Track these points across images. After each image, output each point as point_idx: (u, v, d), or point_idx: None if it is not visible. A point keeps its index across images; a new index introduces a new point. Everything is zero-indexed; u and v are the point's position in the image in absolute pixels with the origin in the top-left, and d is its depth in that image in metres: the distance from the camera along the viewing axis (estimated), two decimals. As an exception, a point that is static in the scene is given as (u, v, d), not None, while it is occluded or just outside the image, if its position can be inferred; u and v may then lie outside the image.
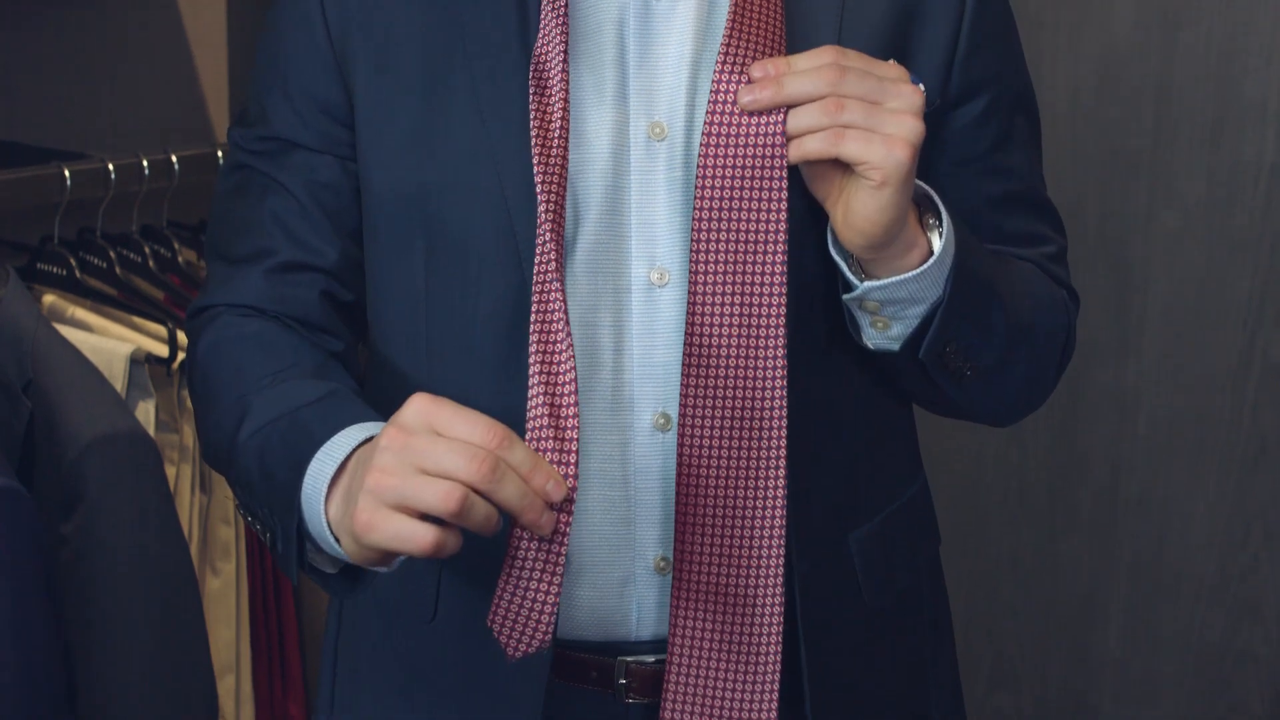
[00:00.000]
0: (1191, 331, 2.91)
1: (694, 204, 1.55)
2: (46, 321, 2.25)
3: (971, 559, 3.11)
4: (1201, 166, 2.85)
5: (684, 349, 1.55)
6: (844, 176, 1.54)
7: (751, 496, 1.56)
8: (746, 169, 1.54)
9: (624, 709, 1.66)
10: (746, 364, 1.55)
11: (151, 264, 2.64)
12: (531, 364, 1.52)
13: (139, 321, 2.55)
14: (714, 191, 1.55)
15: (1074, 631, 3.10)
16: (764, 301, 1.55)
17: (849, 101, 1.50)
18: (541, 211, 1.54)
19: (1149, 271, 2.92)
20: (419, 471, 1.36)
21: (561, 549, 1.46)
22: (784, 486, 1.56)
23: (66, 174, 2.52)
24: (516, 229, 1.59)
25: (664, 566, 1.62)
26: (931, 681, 1.81)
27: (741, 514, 1.56)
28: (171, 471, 2.48)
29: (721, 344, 1.55)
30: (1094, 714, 3.11)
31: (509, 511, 1.39)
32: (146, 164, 2.61)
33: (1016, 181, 1.75)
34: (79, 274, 2.59)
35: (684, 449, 1.56)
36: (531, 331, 1.53)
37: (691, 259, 1.54)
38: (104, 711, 2.07)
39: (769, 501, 1.56)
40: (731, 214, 1.55)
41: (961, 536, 3.07)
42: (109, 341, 2.46)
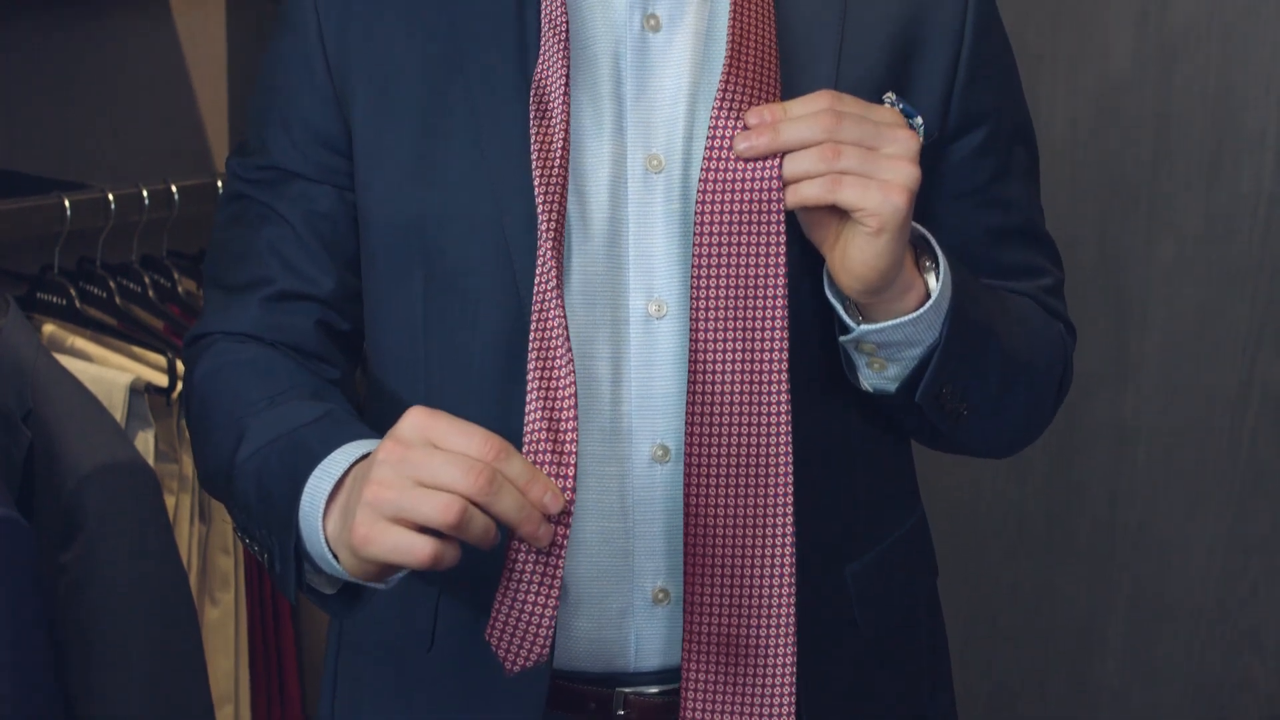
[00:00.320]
0: (1190, 361, 2.91)
1: (693, 243, 1.55)
2: (46, 351, 2.25)
3: (969, 588, 3.11)
4: (1200, 197, 2.86)
5: (688, 382, 1.55)
6: (841, 222, 1.53)
7: (760, 531, 1.56)
8: (744, 212, 1.54)
9: (621, 740, 1.66)
10: (750, 398, 1.55)
11: (151, 294, 2.64)
12: (530, 379, 1.52)
13: (139, 351, 2.55)
14: (712, 234, 1.54)
15: (1073, 661, 3.10)
16: (766, 337, 1.55)
17: (845, 147, 1.50)
18: (542, 231, 1.54)
19: (1147, 301, 2.93)
20: (416, 484, 1.37)
21: (559, 561, 1.46)
22: (792, 522, 1.56)
23: (67, 204, 2.53)
24: (514, 258, 1.59)
25: (662, 598, 1.62)
26: (929, 713, 1.81)
27: (751, 550, 1.56)
28: (171, 501, 2.48)
29: (725, 377, 1.55)
30: (1093, 744, 3.11)
31: (506, 523, 1.39)
32: (146, 194, 2.62)
33: (1015, 214, 1.75)
34: (79, 304, 2.59)
35: (690, 483, 1.56)
36: (530, 348, 1.53)
37: (692, 294, 1.54)
38: (102, 741, 2.07)
39: (778, 538, 1.56)
40: (731, 254, 1.55)
41: (959, 566, 3.07)
42: (109, 371, 2.46)
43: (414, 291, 1.65)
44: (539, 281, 1.54)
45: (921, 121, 1.63)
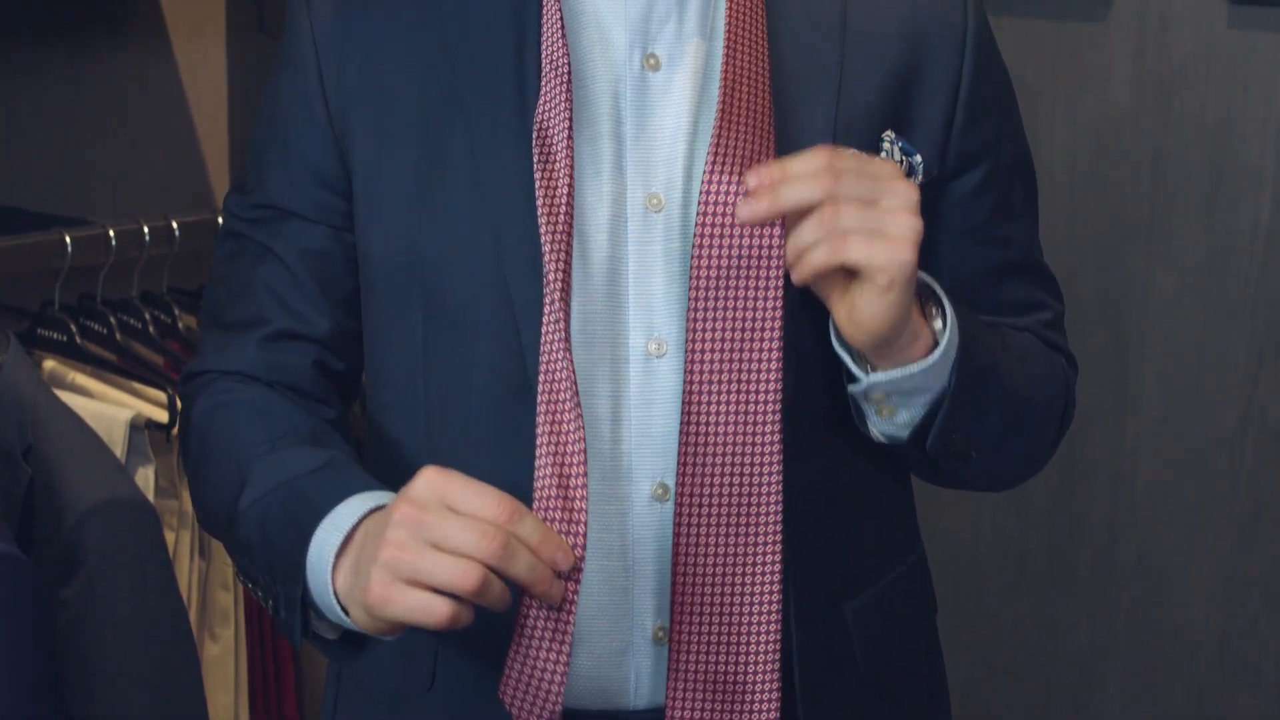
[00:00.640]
0: (1189, 395, 2.92)
1: (689, 286, 1.55)
2: (47, 387, 2.26)
3: (970, 622, 3.11)
4: (1198, 231, 2.86)
5: (681, 421, 1.55)
6: (847, 278, 1.51)
7: (748, 572, 1.56)
8: (741, 259, 1.54)
9: (621, 776, 1.66)
10: (743, 439, 1.55)
11: (152, 329, 2.65)
12: (540, 432, 1.53)
13: (139, 387, 2.55)
14: (710, 279, 1.54)
15: (1073, 694, 3.10)
16: (760, 379, 1.55)
17: (846, 206, 1.48)
18: (549, 277, 1.54)
19: (1146, 335, 2.93)
20: (432, 547, 1.38)
21: (570, 617, 1.48)
22: (780, 562, 1.56)
23: (68, 240, 2.53)
24: (514, 298, 1.59)
25: (662, 636, 1.62)
26: (930, 748, 1.81)
27: (738, 590, 1.56)
28: (171, 537, 2.48)
29: (719, 417, 1.55)
30: (1094, 778, 3.11)
31: (519, 584, 1.41)
32: (147, 230, 2.62)
33: (1014, 250, 1.75)
34: (79, 340, 2.59)
35: (681, 522, 1.56)
36: (540, 399, 1.54)
37: (688, 335, 1.55)
38: (102, 778, 2.07)
39: (765, 578, 1.56)
40: (727, 298, 1.55)
41: (960, 599, 3.07)
42: (109, 407, 2.46)
43: (414, 328, 1.66)
44: (546, 332, 1.54)
45: (920, 160, 1.63)
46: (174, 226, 2.65)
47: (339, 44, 1.68)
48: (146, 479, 2.45)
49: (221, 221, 1.77)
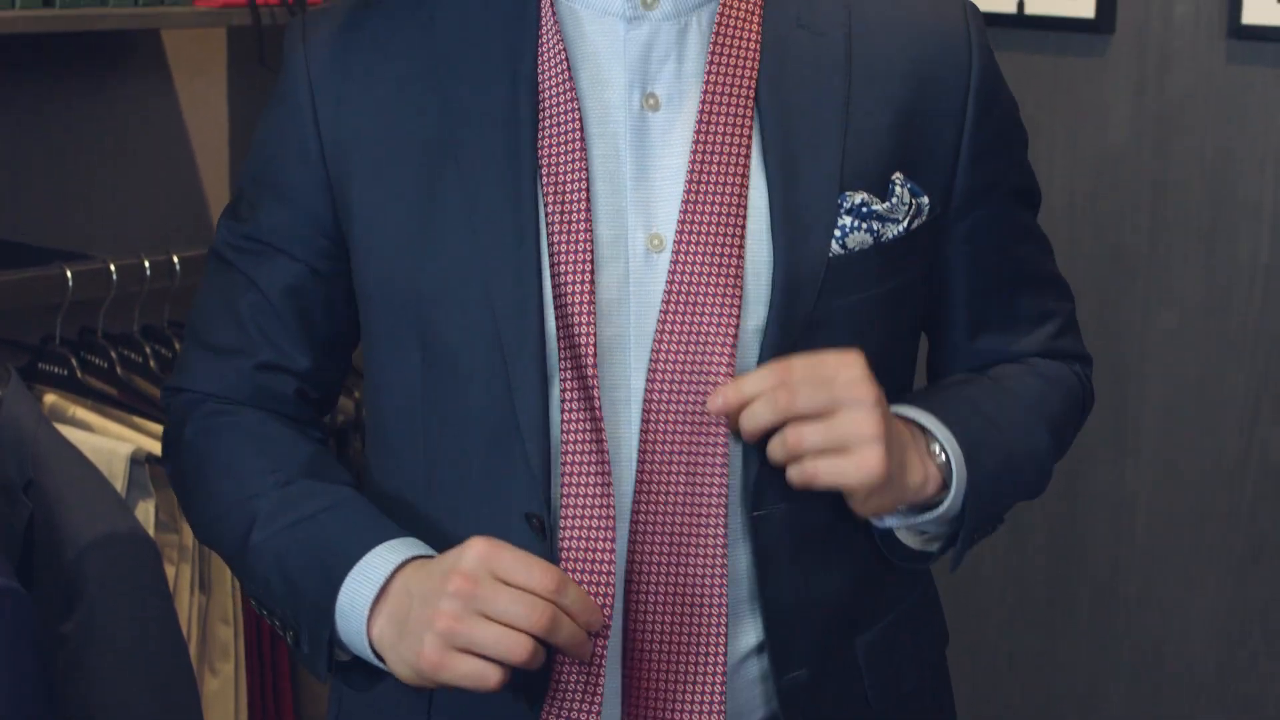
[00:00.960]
0: (1189, 430, 2.92)
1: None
2: (47, 422, 2.26)
3: (970, 658, 3.10)
4: (1198, 266, 2.86)
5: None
6: None
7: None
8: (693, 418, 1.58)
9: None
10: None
11: (152, 364, 2.65)
12: (565, 491, 1.57)
13: (139, 421, 2.55)
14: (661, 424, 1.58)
15: (1074, 731, 3.09)
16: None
17: (806, 427, 1.53)
18: (578, 344, 1.58)
19: (1146, 371, 2.93)
20: (485, 619, 1.48)
21: (600, 671, 1.55)
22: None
23: (69, 274, 2.53)
24: (503, 339, 1.60)
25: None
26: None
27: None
28: (171, 571, 2.48)
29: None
30: (1095, 814, 3.10)
31: (559, 649, 1.51)
32: (148, 264, 2.63)
33: (1024, 270, 1.78)
34: (80, 374, 2.60)
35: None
36: (563, 458, 1.57)
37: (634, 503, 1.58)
38: (102, 813, 2.07)
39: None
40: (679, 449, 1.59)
41: (960, 636, 3.06)
42: (109, 441, 2.46)
43: (413, 366, 1.66)
44: (569, 391, 1.58)
45: (928, 201, 1.65)
46: (175, 261, 2.65)
47: (335, 84, 1.68)
48: (147, 513, 2.45)
49: (215, 237, 1.78)
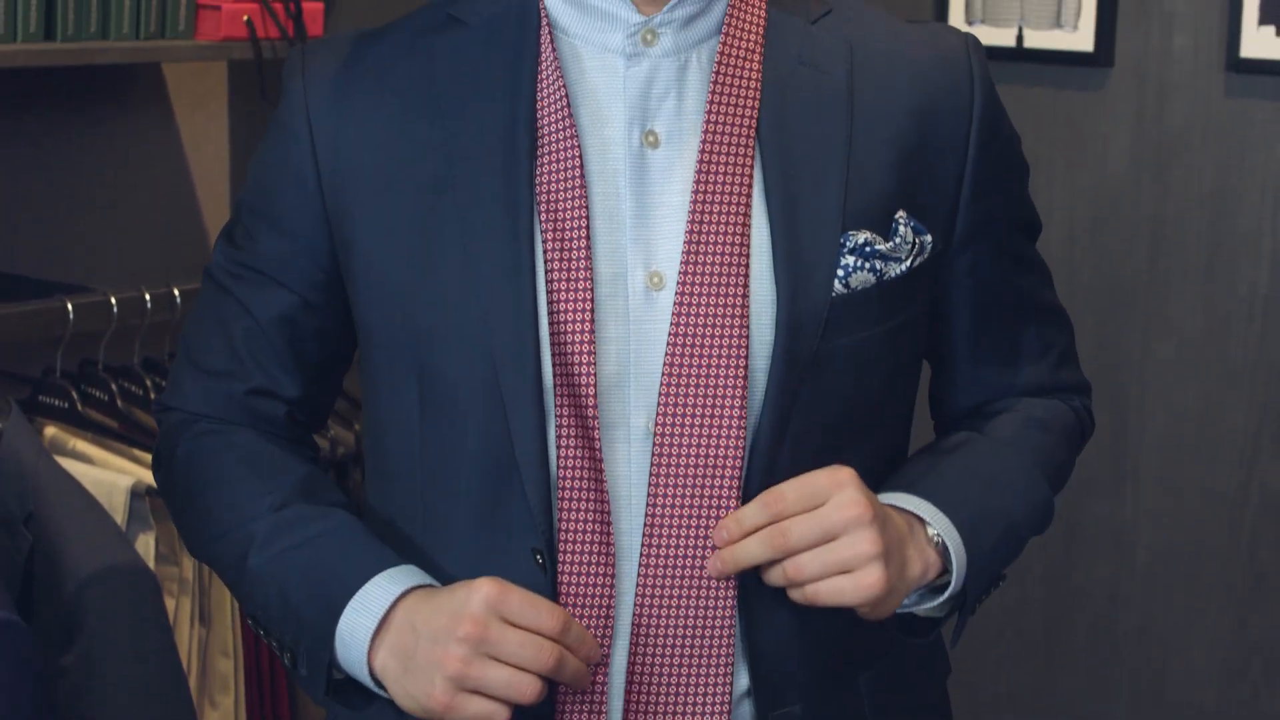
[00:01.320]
0: (1188, 463, 2.91)
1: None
2: (48, 454, 2.26)
3: (969, 692, 3.10)
4: (1197, 299, 2.87)
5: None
6: None
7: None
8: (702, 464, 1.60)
9: None
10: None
11: (153, 396, 2.65)
12: (563, 529, 1.58)
13: (140, 454, 2.55)
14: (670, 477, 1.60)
15: (1074, 764, 3.09)
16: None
17: (803, 560, 1.55)
18: (577, 383, 1.58)
19: (1145, 403, 2.93)
20: (494, 661, 1.52)
21: (604, 698, 1.59)
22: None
23: (69, 307, 2.54)
24: (501, 378, 1.59)
25: None
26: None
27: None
28: (171, 604, 2.48)
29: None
30: (1095, 847, 3.09)
31: (563, 684, 1.56)
32: (149, 297, 2.63)
33: (1025, 302, 1.78)
34: (80, 406, 2.60)
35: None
36: (560, 493, 1.58)
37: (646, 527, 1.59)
38: (101, 846, 2.06)
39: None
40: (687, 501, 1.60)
41: (958, 670, 3.06)
42: (110, 474, 2.47)
43: (410, 401, 1.66)
44: (568, 436, 1.58)
45: (930, 239, 1.65)
46: (175, 294, 2.66)
47: (333, 115, 1.68)
48: (147, 545, 2.45)
49: (211, 258, 1.79)
